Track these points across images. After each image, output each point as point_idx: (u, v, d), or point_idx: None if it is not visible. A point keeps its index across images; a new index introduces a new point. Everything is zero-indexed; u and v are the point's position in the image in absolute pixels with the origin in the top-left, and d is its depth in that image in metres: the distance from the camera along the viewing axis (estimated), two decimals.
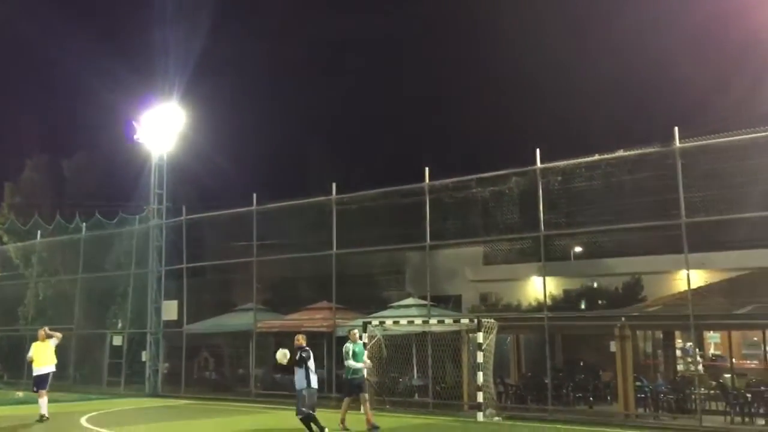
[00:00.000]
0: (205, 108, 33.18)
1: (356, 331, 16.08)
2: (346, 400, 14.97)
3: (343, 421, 14.65)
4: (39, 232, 30.15)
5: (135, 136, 26.63)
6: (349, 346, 15.11)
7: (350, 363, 14.95)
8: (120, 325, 27.53)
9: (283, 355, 12.87)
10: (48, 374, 16.54)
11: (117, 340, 26.63)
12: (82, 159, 36.42)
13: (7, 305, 30.80)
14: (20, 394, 20.50)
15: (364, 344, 16.97)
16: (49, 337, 16.99)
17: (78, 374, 27.47)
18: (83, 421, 16.57)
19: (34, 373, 16.65)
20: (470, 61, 54.49)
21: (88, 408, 19.51)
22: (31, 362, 16.91)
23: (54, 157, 36.76)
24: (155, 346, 25.49)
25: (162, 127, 26.13)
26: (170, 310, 25.30)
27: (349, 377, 15.02)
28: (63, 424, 15.90)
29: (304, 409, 12.64)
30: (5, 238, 32.58)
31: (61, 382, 26.95)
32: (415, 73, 58.44)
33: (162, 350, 25.54)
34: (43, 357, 16.66)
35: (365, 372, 15.23)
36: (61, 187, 35.76)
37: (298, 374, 12.96)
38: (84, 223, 28.49)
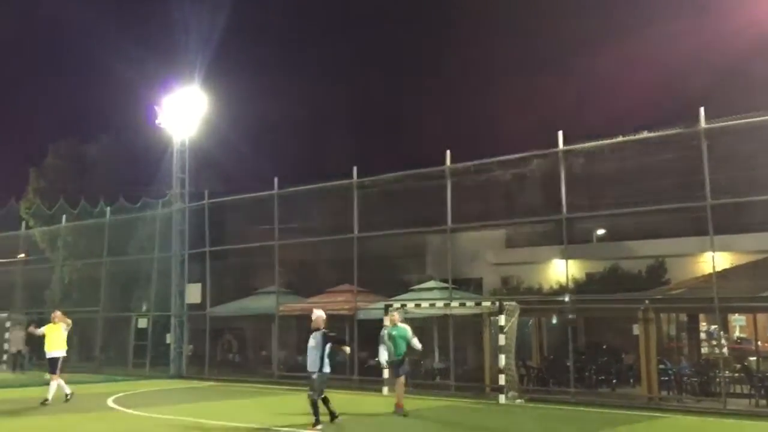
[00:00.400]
0: (226, 92, 33.31)
1: (396, 314, 15.77)
2: (399, 380, 14.63)
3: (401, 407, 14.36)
4: (64, 216, 30.51)
5: (157, 121, 26.80)
6: (384, 332, 14.96)
7: (380, 348, 14.89)
8: (145, 308, 27.86)
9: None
10: (58, 358, 16.40)
11: (142, 323, 26.97)
12: (104, 144, 36.70)
13: (33, 289, 31.30)
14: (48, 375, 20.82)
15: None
16: (61, 321, 16.86)
17: (104, 356, 27.91)
18: (110, 401, 16.85)
19: (47, 356, 16.59)
20: (491, 42, 54.03)
21: (114, 389, 19.83)
22: (42, 337, 16.90)
23: (77, 142, 37.07)
24: (179, 329, 25.79)
25: (184, 112, 26.25)
26: (193, 293, 25.57)
27: (391, 360, 14.80)
28: (90, 405, 16.16)
29: (311, 393, 12.44)
30: (31, 223, 33.01)
31: (87, 363, 27.50)
32: (436, 56, 58.14)
33: (186, 333, 25.84)
34: (54, 341, 16.54)
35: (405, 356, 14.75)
36: (85, 171, 36.08)
37: (311, 357, 12.45)
38: (108, 208, 28.80)
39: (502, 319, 17.11)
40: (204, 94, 26.38)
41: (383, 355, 14.94)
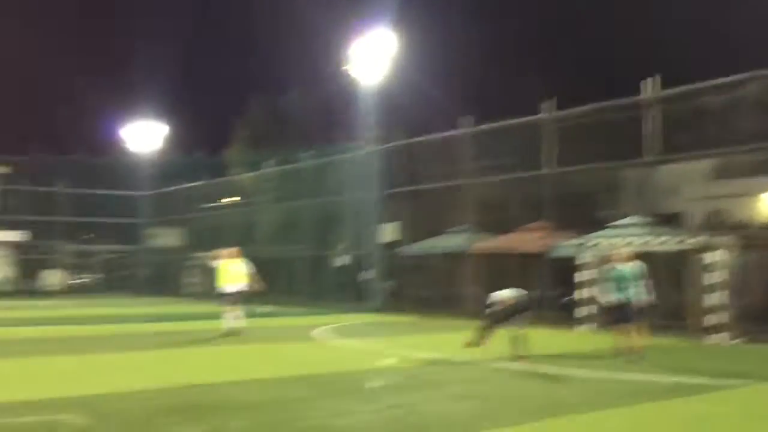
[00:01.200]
0: (413, 32, 33.25)
1: (623, 250, 13.67)
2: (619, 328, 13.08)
3: (622, 351, 12.73)
4: (268, 162, 32.58)
5: (346, 66, 27.41)
6: (610, 270, 13.32)
7: (603, 287, 13.67)
8: (343, 246, 29.22)
9: None
10: (234, 293, 16.21)
11: (341, 261, 28.32)
12: (298, 92, 38.51)
13: (242, 229, 33.96)
14: (267, 308, 22.24)
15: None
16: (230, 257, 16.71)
17: (307, 292, 29.74)
18: (318, 332, 17.85)
19: (224, 291, 16.40)
20: None
21: (317, 322, 20.87)
22: (215, 261, 17.31)
23: (274, 94, 39.24)
24: (376, 266, 26.76)
25: (373, 55, 26.59)
26: (389, 232, 26.35)
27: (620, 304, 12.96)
28: (295, 336, 17.14)
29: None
30: (237, 169, 35.61)
31: (291, 298, 29.49)
32: None
33: (383, 270, 26.77)
34: (229, 275, 16.42)
35: (640, 296, 12.77)
36: (283, 120, 38.19)
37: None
38: (306, 153, 30.33)
39: (713, 256, 15.92)
40: (393, 35, 26.42)
41: (608, 295, 13.17)
